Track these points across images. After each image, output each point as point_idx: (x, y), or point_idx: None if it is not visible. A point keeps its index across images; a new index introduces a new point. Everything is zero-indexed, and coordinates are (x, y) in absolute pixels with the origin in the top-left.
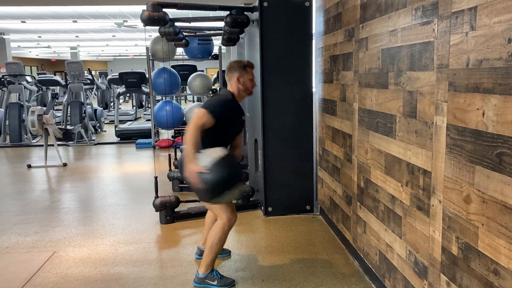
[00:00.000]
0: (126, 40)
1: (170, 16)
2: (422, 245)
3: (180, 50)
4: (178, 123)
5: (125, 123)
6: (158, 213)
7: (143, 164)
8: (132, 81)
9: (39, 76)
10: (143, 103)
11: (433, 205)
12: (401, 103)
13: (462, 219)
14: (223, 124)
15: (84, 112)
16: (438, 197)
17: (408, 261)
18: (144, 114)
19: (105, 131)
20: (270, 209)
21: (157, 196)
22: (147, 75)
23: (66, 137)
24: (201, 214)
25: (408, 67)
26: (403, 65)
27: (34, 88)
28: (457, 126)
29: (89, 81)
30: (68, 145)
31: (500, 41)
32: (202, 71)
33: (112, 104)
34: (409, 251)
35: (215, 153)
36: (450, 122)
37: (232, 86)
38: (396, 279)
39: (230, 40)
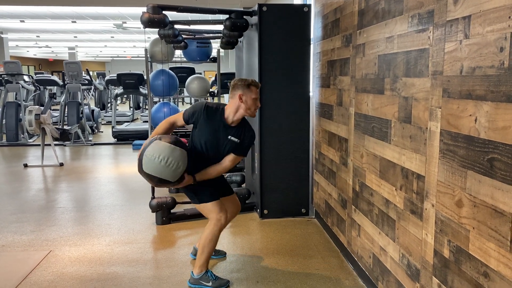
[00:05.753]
0: (124, 41)
1: (170, 19)
2: (415, 248)
3: (178, 53)
4: None
5: (122, 124)
6: (154, 214)
7: None
8: (130, 83)
9: (37, 75)
10: (140, 105)
11: (426, 209)
12: (396, 108)
13: (454, 223)
14: (196, 127)
15: (82, 113)
16: (431, 201)
17: (401, 264)
18: (141, 116)
19: (102, 131)
20: (266, 211)
21: (153, 197)
22: (145, 77)
23: (63, 137)
24: (197, 215)
25: (403, 73)
26: (399, 71)
27: (32, 87)
28: (450, 131)
29: (87, 82)
30: (65, 145)
31: (492, 50)
32: (200, 73)
33: (109, 105)
34: (402, 254)
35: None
36: (443, 127)
37: (231, 103)
38: (389, 281)
39: (229, 43)
